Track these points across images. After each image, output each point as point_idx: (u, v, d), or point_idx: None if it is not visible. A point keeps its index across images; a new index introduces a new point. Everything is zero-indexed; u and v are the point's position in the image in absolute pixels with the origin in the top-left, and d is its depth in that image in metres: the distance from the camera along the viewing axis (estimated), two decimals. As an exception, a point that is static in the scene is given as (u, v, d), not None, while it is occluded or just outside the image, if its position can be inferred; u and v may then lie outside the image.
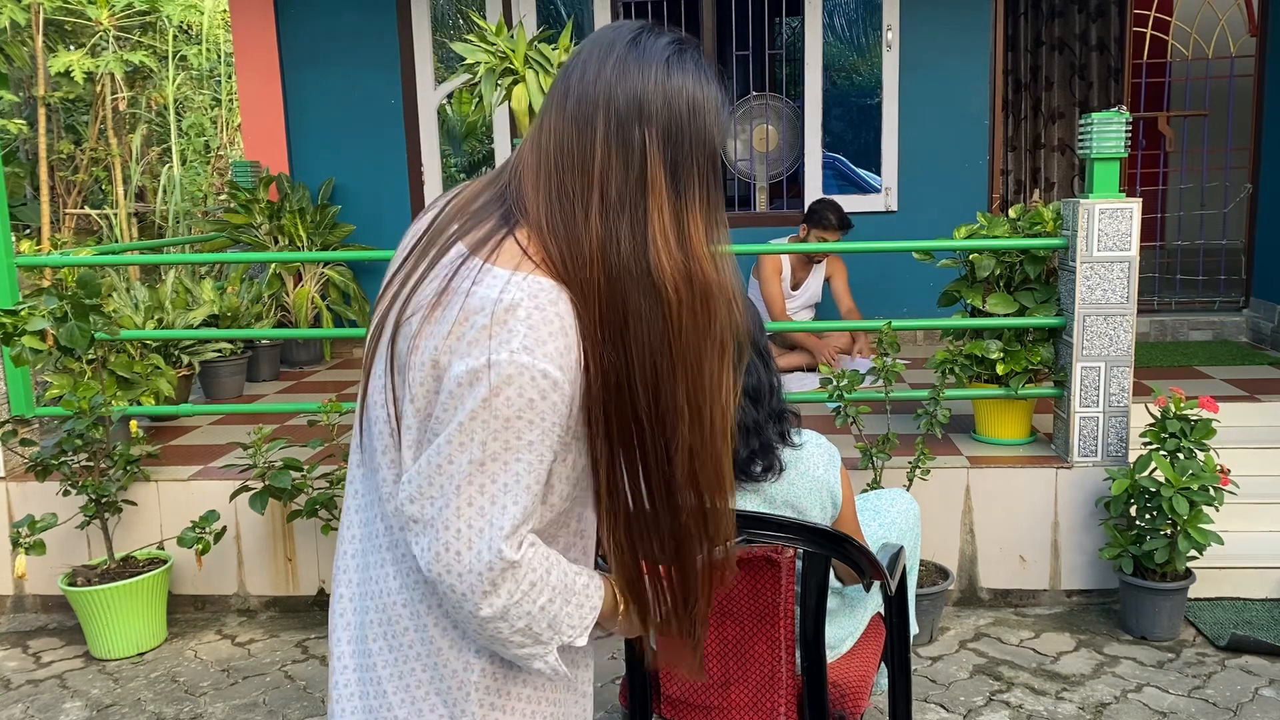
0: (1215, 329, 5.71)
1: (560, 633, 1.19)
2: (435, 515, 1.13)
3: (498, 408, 1.09)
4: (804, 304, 5.22)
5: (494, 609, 1.13)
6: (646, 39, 1.18)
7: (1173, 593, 3.31)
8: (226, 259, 4.38)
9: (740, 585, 1.91)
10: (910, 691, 2.39)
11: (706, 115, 1.17)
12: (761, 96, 6.05)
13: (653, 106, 1.15)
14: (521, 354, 1.08)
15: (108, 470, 3.55)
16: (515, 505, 1.11)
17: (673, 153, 1.15)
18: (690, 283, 1.15)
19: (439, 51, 5.91)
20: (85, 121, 8.85)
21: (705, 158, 1.17)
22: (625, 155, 1.14)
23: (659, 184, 1.15)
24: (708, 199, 1.18)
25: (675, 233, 1.15)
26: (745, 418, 1.96)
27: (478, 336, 1.10)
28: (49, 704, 3.18)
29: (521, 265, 1.13)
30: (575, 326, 1.12)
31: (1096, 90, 7.52)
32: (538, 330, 1.09)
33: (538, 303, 1.10)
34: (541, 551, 1.17)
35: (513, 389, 1.09)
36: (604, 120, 1.15)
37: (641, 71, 1.15)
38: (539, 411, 1.10)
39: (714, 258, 1.18)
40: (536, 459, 1.12)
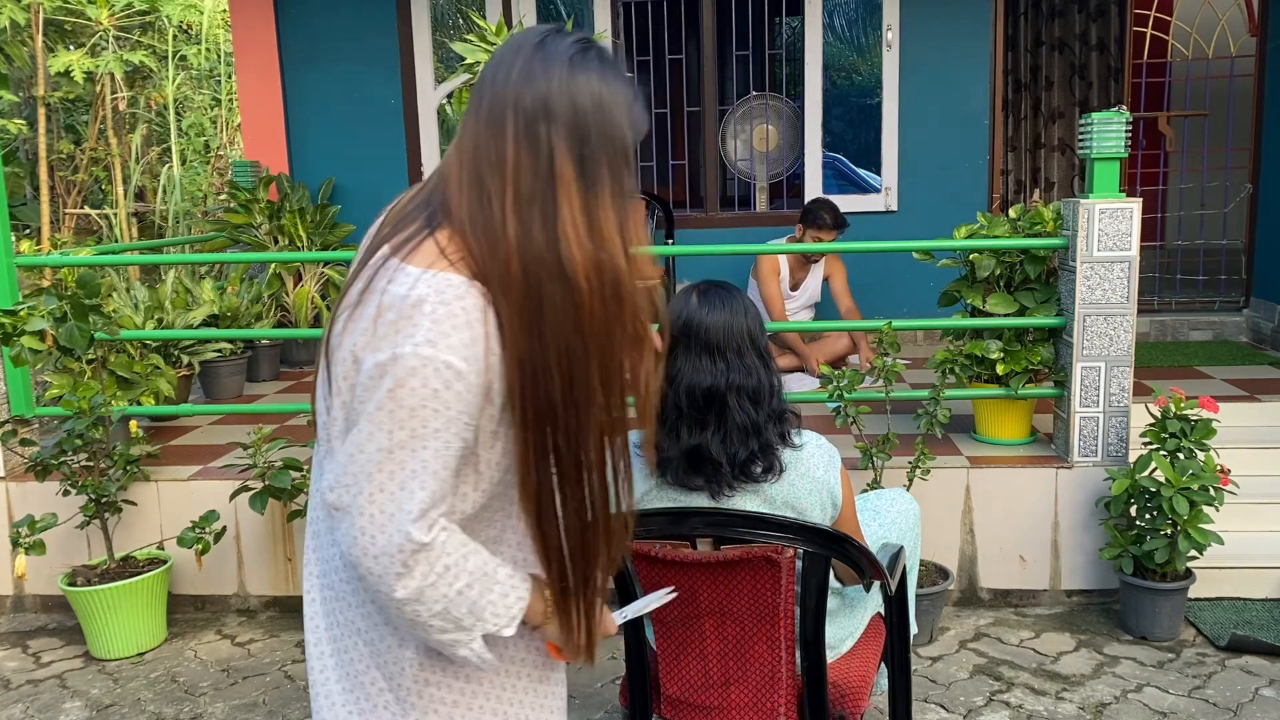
0: (1215, 329, 5.71)
1: (483, 620, 1.24)
2: (351, 502, 1.19)
3: (403, 398, 1.15)
4: (803, 304, 5.22)
5: (408, 590, 1.18)
6: (552, 41, 1.25)
7: (1173, 593, 3.31)
8: (226, 259, 4.38)
9: (740, 585, 1.91)
10: (910, 691, 2.39)
11: (612, 110, 1.23)
12: (761, 96, 6.05)
13: (557, 104, 1.20)
14: (425, 347, 1.14)
15: (108, 470, 3.55)
16: (423, 490, 1.17)
17: (579, 148, 1.21)
18: (600, 271, 1.21)
19: (439, 51, 5.91)
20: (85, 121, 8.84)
21: (613, 151, 1.23)
22: (534, 152, 1.20)
23: (567, 178, 1.20)
24: (619, 190, 1.24)
25: (585, 224, 1.21)
26: (745, 418, 1.96)
27: (386, 331, 1.17)
28: (49, 704, 3.18)
29: (435, 264, 1.19)
30: (484, 320, 1.18)
31: (1096, 90, 7.52)
32: (442, 324, 1.15)
33: (443, 298, 1.16)
34: (459, 538, 1.22)
35: (417, 380, 1.15)
36: (513, 120, 1.21)
37: (546, 72, 1.22)
38: (443, 401, 1.16)
39: (625, 246, 1.24)
40: (443, 446, 1.17)
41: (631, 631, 2.12)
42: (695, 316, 1.99)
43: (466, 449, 1.21)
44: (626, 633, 2.12)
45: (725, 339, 1.98)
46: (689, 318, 2.00)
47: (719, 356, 1.98)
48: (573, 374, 1.21)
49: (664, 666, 2.06)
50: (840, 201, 5.57)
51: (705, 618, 1.97)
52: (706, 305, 2.00)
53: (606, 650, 3.38)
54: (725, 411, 1.97)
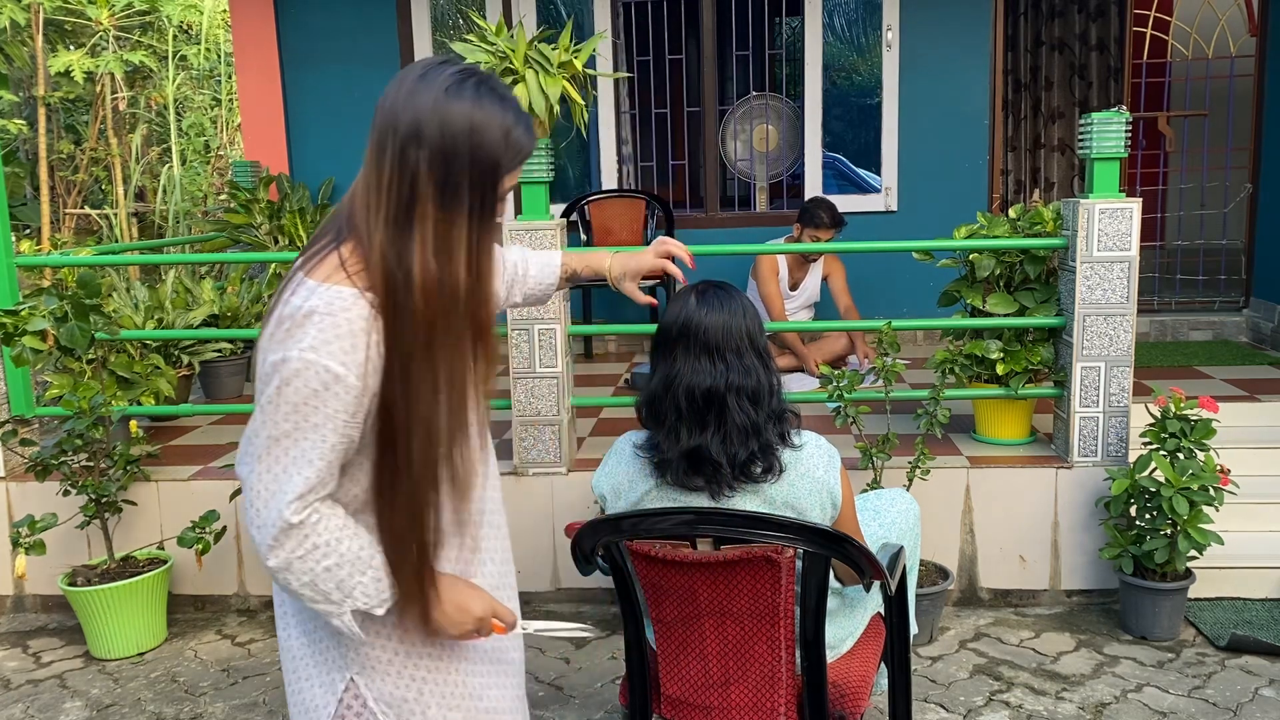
0: (1215, 329, 5.71)
1: (352, 598, 1.40)
2: (246, 477, 1.38)
3: (288, 395, 1.32)
4: (803, 304, 5.22)
5: (277, 560, 1.36)
6: (434, 71, 1.37)
7: (1173, 593, 3.31)
8: (226, 259, 4.38)
9: (740, 585, 1.91)
10: (910, 691, 2.40)
11: (482, 136, 1.34)
12: (761, 96, 6.05)
13: (427, 129, 1.33)
14: (309, 352, 1.31)
15: (108, 470, 3.55)
16: (299, 476, 1.34)
17: (443, 171, 1.33)
18: (442, 288, 1.35)
19: (439, 52, 5.91)
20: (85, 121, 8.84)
21: (479, 175, 1.35)
22: (403, 173, 1.33)
23: (425, 199, 1.33)
24: (480, 213, 1.37)
25: (437, 242, 1.34)
26: (745, 419, 1.96)
27: (282, 337, 1.33)
28: (49, 704, 3.18)
29: (332, 276, 1.36)
30: (368, 329, 1.33)
31: (1096, 90, 7.52)
32: (325, 333, 1.31)
33: (330, 309, 1.32)
34: (336, 522, 1.39)
35: (300, 380, 1.32)
36: (391, 142, 1.34)
37: (421, 98, 1.34)
38: (322, 400, 1.32)
39: (473, 266, 1.37)
40: (320, 439, 1.34)
41: (632, 631, 2.12)
42: (694, 317, 1.99)
43: (348, 444, 1.37)
44: (627, 633, 2.13)
45: (724, 339, 1.98)
46: (688, 318, 2.00)
47: (718, 357, 1.98)
48: (410, 380, 1.35)
49: (664, 666, 2.06)
50: (840, 201, 5.57)
51: (705, 618, 1.97)
52: (705, 306, 2.00)
53: (606, 650, 3.38)
54: (725, 412, 1.96)
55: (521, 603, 3.91)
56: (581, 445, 3.98)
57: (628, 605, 2.09)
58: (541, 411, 3.64)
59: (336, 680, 1.50)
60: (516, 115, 1.39)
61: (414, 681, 1.52)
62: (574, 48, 3.57)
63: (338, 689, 1.50)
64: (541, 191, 3.59)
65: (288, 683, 1.58)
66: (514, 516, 3.64)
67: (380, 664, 1.50)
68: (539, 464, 3.68)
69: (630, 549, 1.97)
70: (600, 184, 5.97)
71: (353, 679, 1.50)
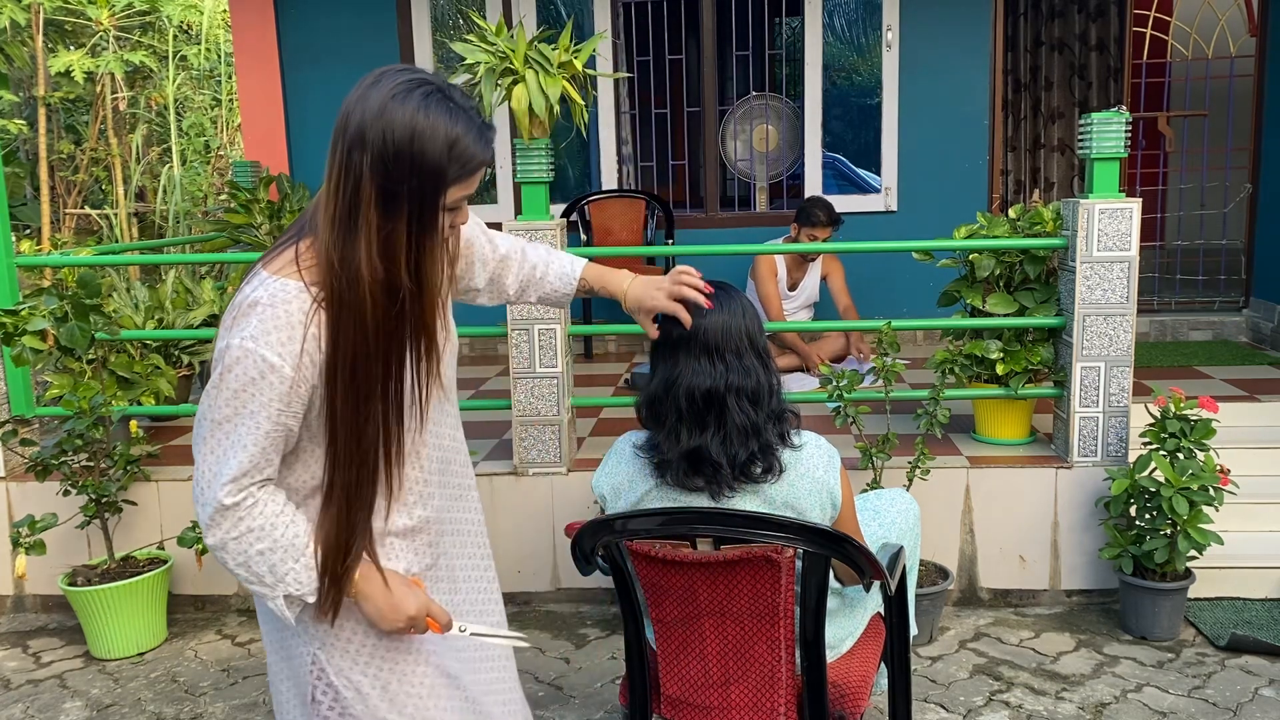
0: (1215, 329, 5.71)
1: (284, 582, 1.46)
2: (196, 460, 1.45)
3: (229, 382, 1.39)
4: (802, 304, 5.22)
5: (214, 540, 1.44)
6: (388, 77, 1.40)
7: (1173, 593, 3.31)
8: (226, 259, 4.38)
9: (740, 585, 1.91)
10: (910, 691, 2.40)
11: (423, 145, 1.37)
12: (761, 96, 6.05)
13: (370, 135, 1.36)
14: (249, 341, 1.38)
15: (108, 470, 3.55)
16: (234, 459, 1.40)
17: (384, 176, 1.37)
18: (387, 288, 1.39)
19: (439, 51, 5.91)
20: (85, 121, 8.84)
21: (420, 182, 1.38)
22: (348, 176, 1.38)
23: (369, 202, 1.37)
24: (420, 219, 1.40)
25: (379, 246, 1.38)
26: (745, 419, 1.96)
27: (230, 325, 1.42)
28: (49, 704, 3.18)
29: (284, 270, 1.42)
30: (306, 322, 1.39)
31: (1096, 90, 7.52)
32: (266, 324, 1.38)
33: (273, 300, 1.39)
34: (273, 509, 1.45)
35: (240, 368, 1.38)
36: (340, 146, 1.39)
37: (368, 105, 1.38)
38: (259, 388, 1.38)
39: (412, 267, 1.41)
40: (254, 425, 1.40)
41: (631, 631, 2.12)
42: (694, 318, 1.99)
43: (285, 432, 1.43)
44: (627, 633, 2.13)
45: (724, 340, 1.97)
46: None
47: (718, 358, 1.97)
48: (354, 375, 1.41)
49: (664, 666, 2.06)
50: (840, 201, 5.57)
51: (705, 617, 1.97)
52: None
53: (606, 650, 3.38)
54: (725, 413, 1.96)
55: (521, 603, 3.92)
56: (581, 445, 3.98)
57: (628, 605, 2.09)
58: (541, 411, 3.64)
59: (304, 654, 1.57)
60: (467, 125, 1.40)
61: (370, 669, 1.57)
62: (574, 48, 3.57)
63: (307, 662, 1.57)
64: (541, 191, 3.59)
65: (270, 655, 1.65)
66: (514, 516, 3.65)
67: (340, 643, 1.56)
68: (539, 464, 3.68)
69: (630, 549, 1.97)
70: (600, 184, 5.97)
71: (315, 653, 1.56)
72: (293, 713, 1.63)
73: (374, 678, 1.57)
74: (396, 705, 1.58)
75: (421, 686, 1.61)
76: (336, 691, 1.56)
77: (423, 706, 1.61)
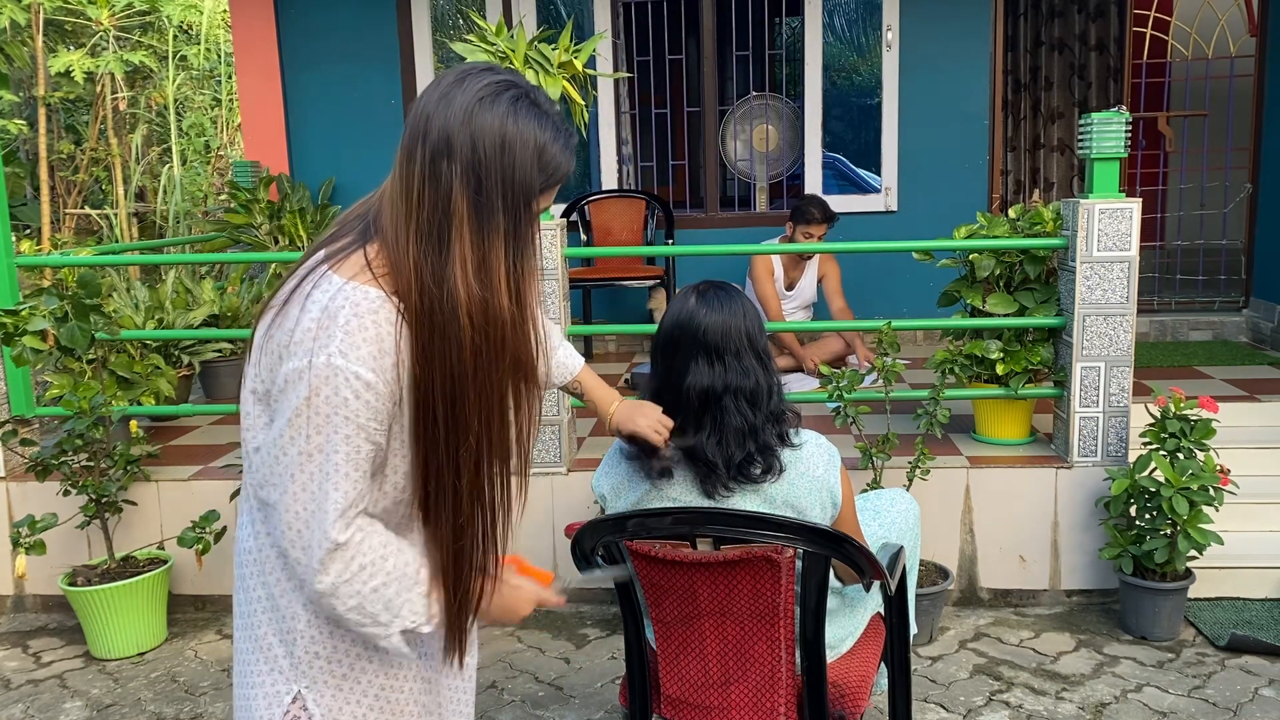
0: (1215, 329, 5.71)
1: (400, 617, 1.33)
2: (278, 500, 1.28)
3: (317, 406, 1.23)
4: (799, 305, 5.22)
5: (324, 585, 1.27)
6: (472, 79, 1.29)
7: (1173, 593, 3.31)
8: (226, 259, 4.38)
9: (740, 585, 1.91)
10: (910, 691, 2.40)
11: (516, 153, 1.26)
12: (761, 96, 6.05)
13: (458, 143, 1.25)
14: (337, 357, 1.22)
15: (108, 470, 3.55)
16: (337, 491, 1.25)
17: (476, 188, 1.25)
18: (485, 313, 1.26)
19: (439, 51, 5.91)
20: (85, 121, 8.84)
21: (513, 194, 1.27)
22: (434, 187, 1.25)
23: (461, 217, 1.25)
24: (514, 234, 1.28)
25: (475, 264, 1.25)
26: (742, 421, 1.96)
27: (304, 338, 1.24)
28: (49, 704, 3.18)
29: (358, 276, 1.27)
30: (395, 334, 1.25)
31: (1096, 90, 7.52)
32: (353, 336, 1.23)
33: (357, 310, 1.24)
34: (379, 539, 1.31)
35: (329, 388, 1.23)
36: (420, 153, 1.27)
37: (454, 109, 1.26)
38: (353, 409, 1.23)
39: (512, 290, 1.28)
40: (354, 450, 1.25)
41: (632, 631, 2.12)
42: (694, 317, 1.98)
43: (379, 452, 1.29)
44: (627, 633, 2.13)
45: (723, 340, 1.97)
46: (687, 318, 1.99)
47: (716, 358, 1.97)
48: (453, 401, 1.27)
49: (664, 666, 2.06)
50: (840, 201, 5.57)
51: (705, 617, 1.97)
52: (704, 306, 1.99)
53: (606, 650, 3.38)
54: (722, 413, 1.96)
55: (521, 603, 3.88)
56: (581, 445, 3.98)
57: (628, 605, 2.10)
58: (541, 411, 3.64)
59: (283, 692, 1.41)
60: (555, 132, 1.31)
61: (361, 703, 1.44)
62: (574, 48, 3.57)
63: (284, 701, 1.41)
64: (541, 191, 3.58)
65: (236, 685, 1.49)
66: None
67: (331, 680, 1.42)
68: (539, 464, 3.68)
69: (630, 549, 1.97)
70: (600, 184, 5.97)
71: (301, 691, 1.41)
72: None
73: (364, 714, 1.45)
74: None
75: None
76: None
77: None
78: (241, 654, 1.46)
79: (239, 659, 1.47)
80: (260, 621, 1.42)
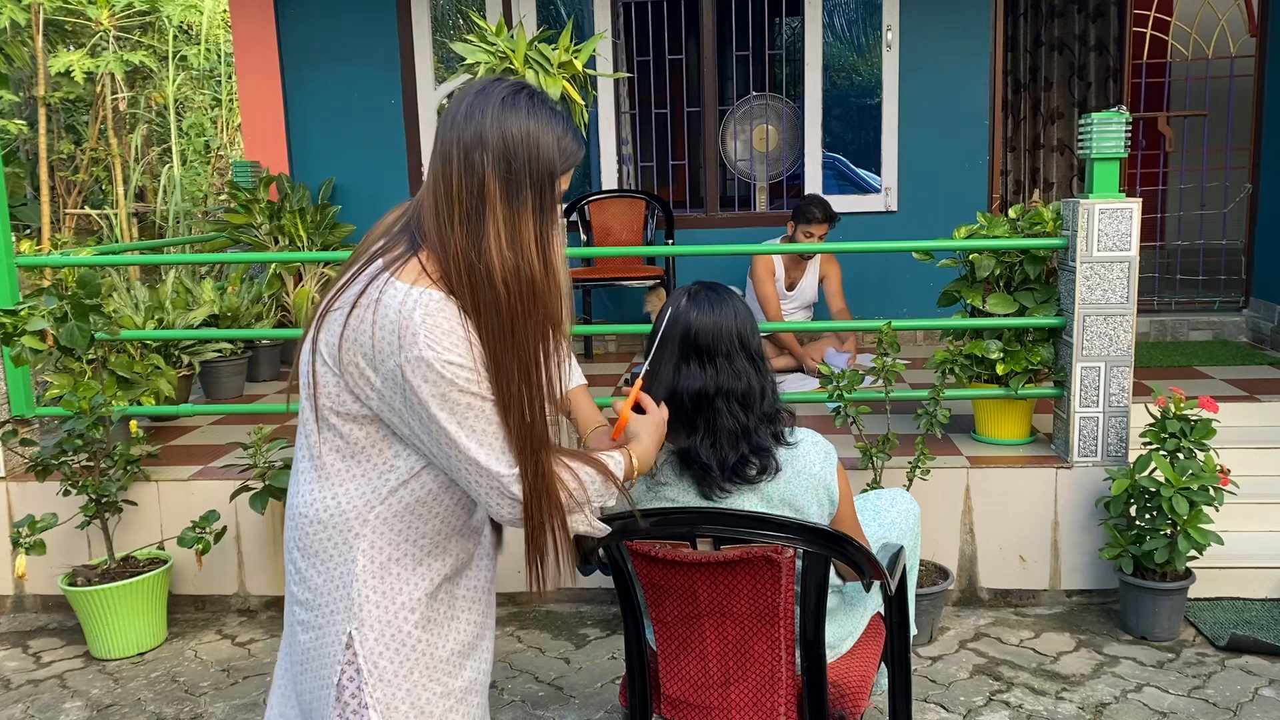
0: (1215, 329, 5.71)
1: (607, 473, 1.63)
2: (466, 479, 1.50)
3: (432, 393, 1.44)
4: (800, 305, 5.22)
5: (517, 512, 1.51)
6: (491, 87, 1.53)
7: (1173, 593, 3.31)
8: (226, 259, 4.38)
9: (740, 585, 1.91)
10: (910, 691, 2.40)
11: (538, 140, 1.50)
12: (761, 96, 6.05)
13: (490, 136, 1.48)
14: (427, 351, 1.42)
15: (108, 470, 3.55)
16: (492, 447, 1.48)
17: (506, 171, 1.48)
18: (518, 275, 1.48)
19: (439, 51, 5.91)
20: (85, 121, 8.84)
21: (538, 175, 1.50)
22: (470, 176, 1.48)
23: (493, 196, 1.47)
24: (540, 208, 1.50)
25: (508, 236, 1.47)
26: (734, 423, 1.95)
27: (389, 339, 1.44)
28: (49, 704, 3.18)
29: (419, 281, 1.47)
30: (464, 324, 1.46)
31: (1096, 91, 7.52)
32: (434, 331, 1.43)
33: (428, 310, 1.43)
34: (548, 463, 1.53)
35: (434, 374, 1.43)
36: (457, 153, 1.49)
37: (482, 111, 1.49)
38: (461, 386, 1.44)
39: (542, 256, 1.50)
40: (479, 413, 1.47)
41: (632, 631, 2.12)
42: (685, 319, 1.98)
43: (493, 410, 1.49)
44: (627, 633, 2.13)
45: (714, 342, 1.96)
46: (679, 320, 1.99)
47: (708, 360, 1.96)
48: (498, 366, 1.48)
49: (664, 666, 2.06)
50: (840, 201, 5.56)
51: (705, 617, 1.97)
52: (696, 307, 1.99)
53: (606, 650, 3.38)
54: (714, 416, 1.96)
55: (521, 602, 3.92)
56: (581, 445, 3.97)
57: (628, 605, 2.09)
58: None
59: (339, 633, 1.56)
60: (565, 124, 1.55)
61: (399, 656, 1.56)
62: (574, 48, 3.57)
63: (340, 643, 1.56)
64: (541, 191, 3.58)
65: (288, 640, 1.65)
66: (514, 516, 3.64)
67: (380, 625, 1.55)
68: (539, 464, 3.67)
69: (630, 549, 1.97)
70: (600, 184, 5.97)
71: (352, 633, 1.55)
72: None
73: (399, 667, 1.56)
74: (417, 705, 1.57)
75: (449, 697, 1.60)
76: (361, 677, 1.54)
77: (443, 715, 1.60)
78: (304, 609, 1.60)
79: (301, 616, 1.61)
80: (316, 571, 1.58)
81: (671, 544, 1.96)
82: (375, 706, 1.54)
